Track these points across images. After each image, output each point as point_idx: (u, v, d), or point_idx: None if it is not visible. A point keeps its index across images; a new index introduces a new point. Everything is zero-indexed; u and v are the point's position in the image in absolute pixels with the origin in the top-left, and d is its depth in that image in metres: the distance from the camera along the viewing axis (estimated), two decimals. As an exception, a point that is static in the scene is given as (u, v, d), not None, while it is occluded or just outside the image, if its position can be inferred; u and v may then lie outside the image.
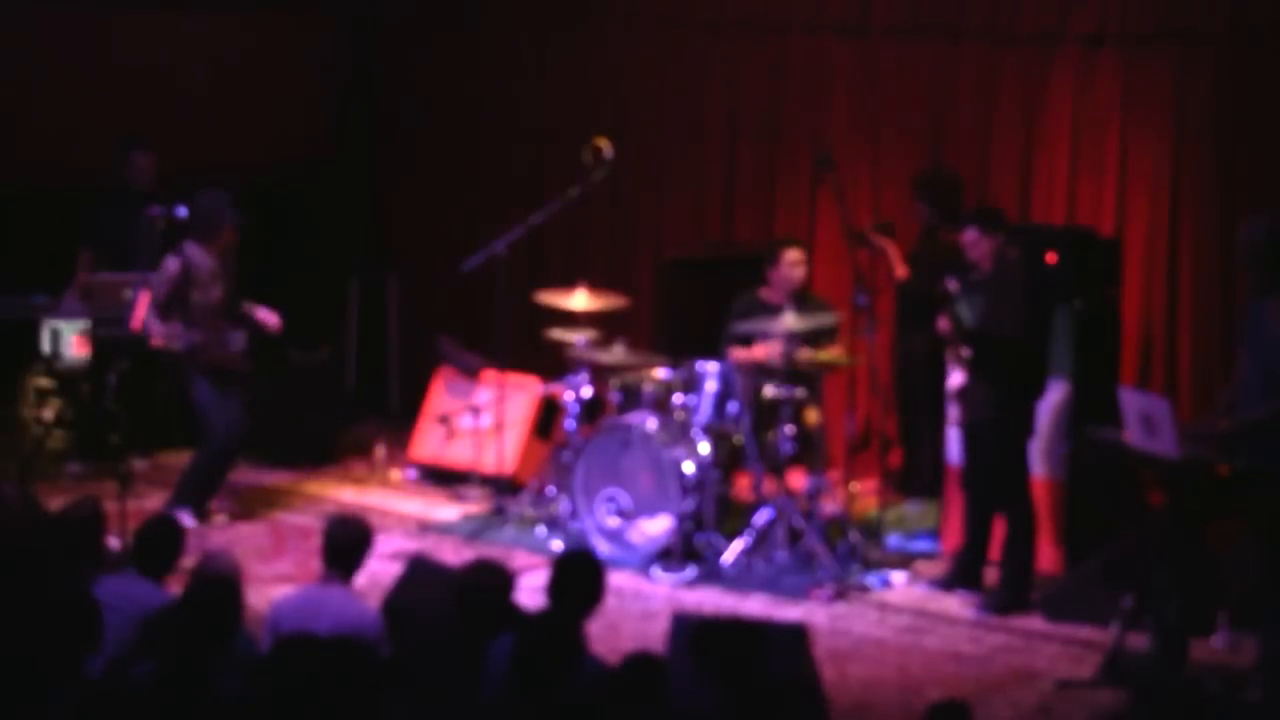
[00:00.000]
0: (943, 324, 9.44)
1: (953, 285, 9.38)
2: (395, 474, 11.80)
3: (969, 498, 9.58)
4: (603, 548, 9.93)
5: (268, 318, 10.56)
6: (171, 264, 10.26)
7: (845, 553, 9.90)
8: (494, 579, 6.78)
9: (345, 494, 11.42)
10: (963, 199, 10.86)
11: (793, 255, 10.35)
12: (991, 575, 9.54)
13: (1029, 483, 9.38)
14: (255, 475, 11.41)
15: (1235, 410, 8.16)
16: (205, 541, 9.64)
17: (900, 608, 9.45)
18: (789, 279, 10.31)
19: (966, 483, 9.61)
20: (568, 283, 10.89)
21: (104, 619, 6.14)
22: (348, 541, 7.17)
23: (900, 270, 11.00)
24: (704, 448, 9.97)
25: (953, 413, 9.66)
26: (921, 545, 10.33)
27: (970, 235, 9.39)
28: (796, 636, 7.58)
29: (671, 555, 9.87)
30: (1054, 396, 9.51)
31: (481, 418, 11.27)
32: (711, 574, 9.79)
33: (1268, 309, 8.08)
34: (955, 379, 9.56)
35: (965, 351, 9.40)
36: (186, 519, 10.32)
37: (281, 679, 5.68)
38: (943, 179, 11.07)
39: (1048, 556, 9.67)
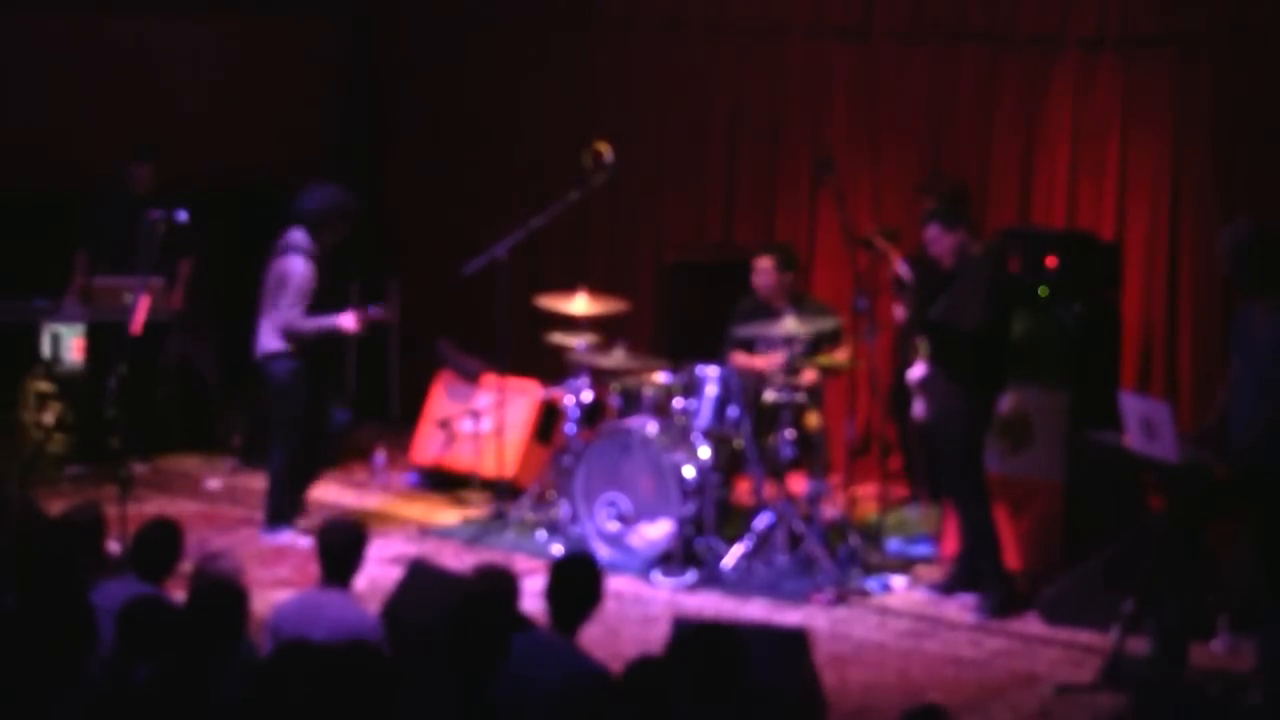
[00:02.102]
0: (898, 312, 9.46)
1: (904, 271, 9.41)
2: (395, 478, 11.78)
3: (956, 499, 9.57)
4: (603, 552, 9.92)
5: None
6: (297, 264, 10.18)
7: (845, 557, 9.90)
8: (500, 586, 6.76)
9: (345, 498, 11.41)
10: (968, 202, 10.85)
11: (761, 263, 10.38)
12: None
13: (984, 478, 9.37)
14: (254, 479, 11.38)
15: (1230, 412, 8.17)
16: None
17: (900, 612, 9.45)
18: (757, 286, 10.37)
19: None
20: (568, 286, 10.88)
21: (103, 623, 6.14)
22: (341, 546, 7.16)
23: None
24: (704, 452, 9.96)
25: (917, 407, 9.64)
26: (921, 550, 10.31)
27: (932, 232, 9.37)
28: (797, 641, 7.59)
29: (672, 559, 9.87)
30: (1051, 401, 9.52)
31: (482, 422, 11.26)
32: (712, 578, 9.78)
33: (1256, 312, 8.07)
34: (915, 371, 9.56)
35: (922, 342, 9.42)
36: (303, 541, 10.13)
37: (280, 684, 5.67)
38: (948, 182, 11.05)
39: (1047, 559, 9.66)
